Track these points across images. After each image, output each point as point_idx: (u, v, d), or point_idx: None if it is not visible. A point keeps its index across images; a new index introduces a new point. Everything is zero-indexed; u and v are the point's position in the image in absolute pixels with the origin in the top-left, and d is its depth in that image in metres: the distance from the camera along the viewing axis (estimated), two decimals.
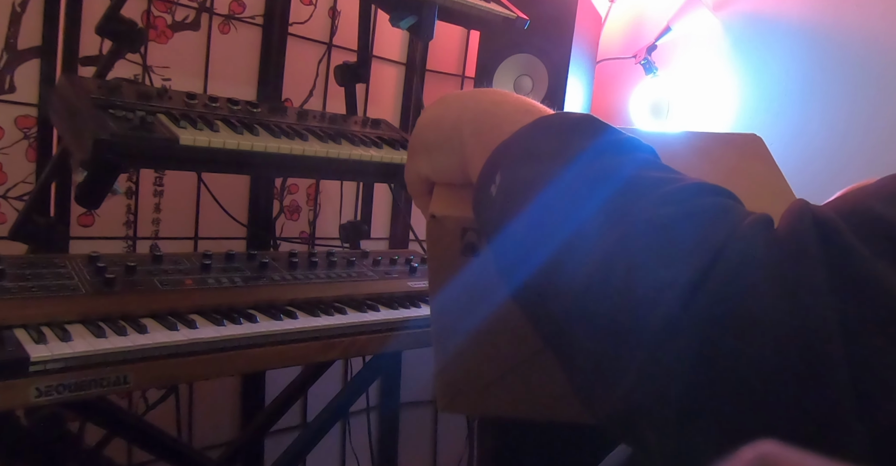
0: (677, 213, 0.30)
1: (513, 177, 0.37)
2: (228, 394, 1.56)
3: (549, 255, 0.33)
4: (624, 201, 0.32)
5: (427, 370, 1.94)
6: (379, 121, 1.27)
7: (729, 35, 1.76)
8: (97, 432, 1.12)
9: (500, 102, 0.45)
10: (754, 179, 0.50)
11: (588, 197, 0.33)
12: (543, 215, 0.34)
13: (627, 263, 0.30)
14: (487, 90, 0.48)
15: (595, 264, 0.31)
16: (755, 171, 0.51)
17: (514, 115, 0.42)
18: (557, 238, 0.33)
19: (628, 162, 0.34)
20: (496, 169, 0.38)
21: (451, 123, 0.45)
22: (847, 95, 1.54)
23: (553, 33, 1.64)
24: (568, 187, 0.34)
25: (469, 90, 0.50)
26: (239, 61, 1.49)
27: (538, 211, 0.34)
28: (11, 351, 0.69)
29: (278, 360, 0.89)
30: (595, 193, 0.33)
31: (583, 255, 0.31)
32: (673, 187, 0.32)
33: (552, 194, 0.34)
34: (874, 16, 1.52)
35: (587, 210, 0.32)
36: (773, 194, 0.49)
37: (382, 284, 1.12)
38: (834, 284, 0.26)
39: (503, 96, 0.46)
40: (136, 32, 1.04)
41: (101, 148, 0.80)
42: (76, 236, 1.29)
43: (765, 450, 0.22)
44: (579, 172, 0.34)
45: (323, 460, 1.71)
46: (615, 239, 0.30)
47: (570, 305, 0.32)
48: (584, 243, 0.32)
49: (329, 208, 1.71)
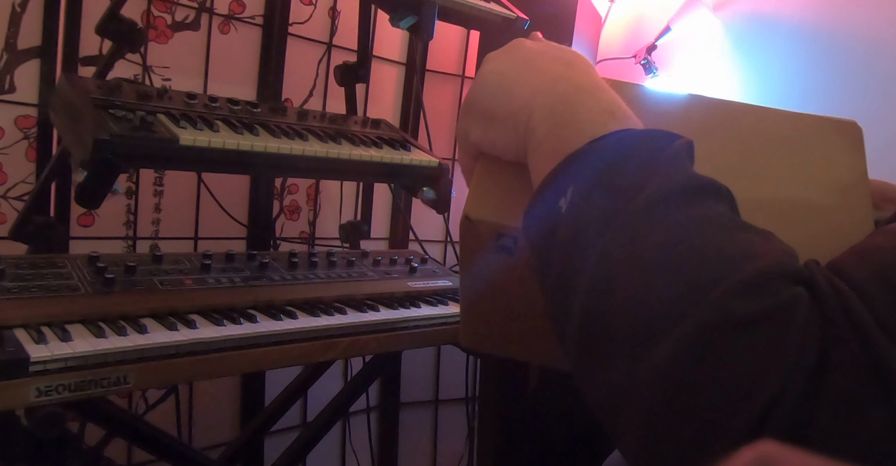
0: (754, 313, 0.28)
1: (587, 204, 0.34)
2: (228, 394, 1.56)
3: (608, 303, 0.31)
4: (699, 275, 0.30)
5: (427, 370, 1.95)
6: (379, 121, 1.27)
7: (729, 35, 1.76)
8: (97, 432, 1.12)
9: (582, 90, 0.40)
10: (832, 176, 0.49)
11: (664, 263, 0.31)
12: (609, 266, 0.32)
13: (700, 361, 0.28)
14: (570, 63, 0.43)
15: (666, 352, 0.29)
16: (838, 167, 0.49)
17: (597, 115, 0.38)
18: (621, 288, 0.31)
19: (703, 221, 0.32)
20: (568, 182, 0.35)
21: (523, 101, 0.41)
22: (848, 95, 1.54)
23: (553, 33, 1.64)
24: (642, 237, 0.32)
25: (549, 53, 0.44)
26: (239, 61, 1.49)
27: (605, 258, 0.32)
28: (11, 351, 0.69)
29: (278, 360, 0.89)
30: (668, 257, 0.31)
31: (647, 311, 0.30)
32: (751, 272, 0.29)
33: (626, 240, 0.32)
34: (874, 15, 1.52)
35: (659, 276, 0.30)
36: (844, 182, 0.48)
37: (382, 284, 1.12)
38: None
39: (586, 81, 0.41)
40: (136, 32, 1.04)
41: (101, 148, 0.80)
42: (76, 236, 1.29)
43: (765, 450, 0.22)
44: (657, 223, 0.32)
45: (323, 460, 1.71)
46: (692, 330, 0.28)
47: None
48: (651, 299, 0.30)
49: (329, 208, 1.71)
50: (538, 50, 0.44)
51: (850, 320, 0.28)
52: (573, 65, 0.43)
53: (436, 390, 1.98)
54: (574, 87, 0.40)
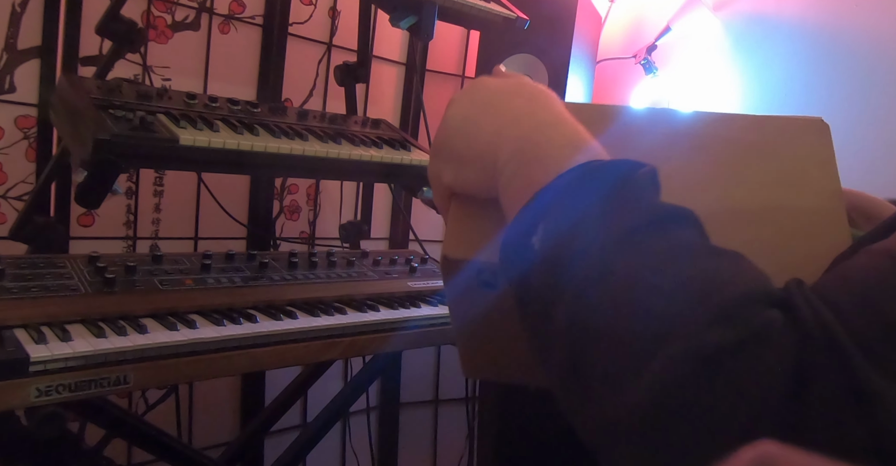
0: (727, 344, 0.28)
1: (558, 242, 0.35)
2: (228, 394, 1.56)
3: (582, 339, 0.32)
4: (670, 310, 0.30)
5: (427, 370, 1.95)
6: (379, 121, 1.27)
7: (729, 35, 1.76)
8: (97, 432, 1.12)
9: (545, 126, 0.41)
10: (802, 167, 0.49)
11: (635, 300, 0.31)
12: (583, 306, 0.33)
13: (678, 395, 0.28)
14: (532, 98, 0.43)
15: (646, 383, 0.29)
16: (805, 159, 0.49)
17: (561, 149, 0.39)
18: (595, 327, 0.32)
19: (670, 253, 0.32)
20: (538, 220, 0.36)
21: (487, 139, 0.42)
22: (848, 95, 1.54)
23: (553, 33, 1.64)
24: (612, 275, 0.32)
25: (510, 90, 0.44)
26: (239, 61, 1.49)
27: (579, 299, 0.33)
28: (11, 351, 0.69)
29: (278, 360, 0.89)
30: (639, 294, 0.31)
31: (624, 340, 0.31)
32: (721, 301, 0.29)
33: (597, 278, 0.32)
34: (874, 15, 1.52)
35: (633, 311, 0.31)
36: (815, 184, 0.48)
37: (382, 284, 1.12)
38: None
39: (548, 116, 0.42)
40: (136, 32, 1.04)
41: (101, 148, 0.80)
42: (76, 236, 1.29)
43: (765, 450, 0.22)
44: (625, 260, 0.32)
45: (323, 460, 1.71)
46: (668, 366, 0.29)
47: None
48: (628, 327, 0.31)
49: (329, 208, 1.71)
50: (499, 88, 0.45)
51: (828, 342, 0.28)
52: (535, 100, 0.43)
53: (436, 390, 1.98)
54: (537, 123, 0.41)
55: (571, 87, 1.65)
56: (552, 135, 0.40)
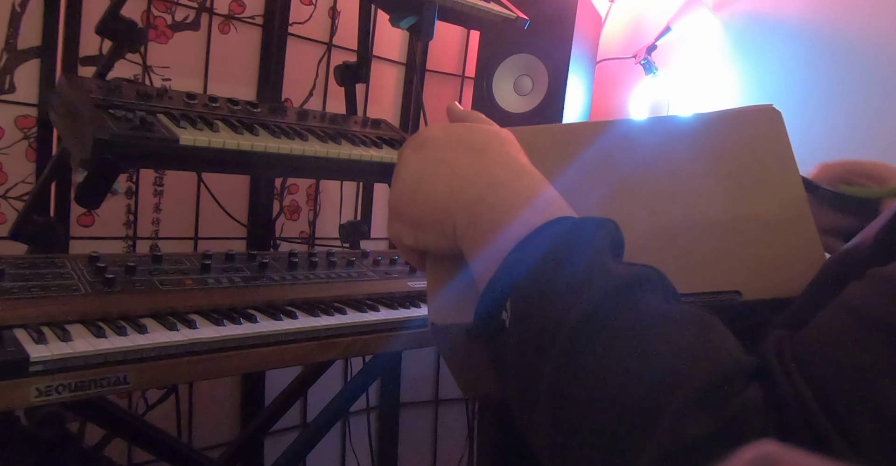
0: (706, 434, 0.28)
1: (526, 325, 0.35)
2: (228, 394, 1.56)
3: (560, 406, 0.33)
4: (644, 403, 0.30)
5: (427, 370, 1.95)
6: (379, 121, 1.27)
7: (729, 35, 1.76)
8: (97, 432, 1.12)
9: (498, 185, 0.40)
10: (761, 164, 0.49)
11: (609, 392, 0.31)
12: (559, 399, 0.33)
13: None
14: (482, 151, 0.42)
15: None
16: (762, 154, 0.50)
17: (518, 211, 0.38)
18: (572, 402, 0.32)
19: (634, 332, 0.32)
20: (505, 296, 0.36)
21: (442, 205, 0.41)
22: (848, 95, 1.54)
23: (553, 33, 1.64)
24: (582, 363, 0.32)
25: (460, 143, 0.43)
26: (239, 61, 1.49)
27: (554, 390, 0.33)
28: (11, 351, 0.69)
29: (278, 360, 0.89)
30: (610, 385, 0.31)
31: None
32: (695, 387, 0.29)
33: (568, 366, 0.33)
34: (874, 15, 1.52)
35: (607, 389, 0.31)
36: (776, 182, 0.49)
37: (382, 284, 1.12)
38: None
39: (501, 172, 0.41)
40: (136, 32, 1.04)
41: (101, 148, 0.80)
42: (76, 236, 1.29)
43: (765, 450, 0.22)
44: (592, 347, 0.32)
45: (323, 460, 1.71)
46: (653, 460, 0.29)
47: None
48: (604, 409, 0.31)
49: (329, 208, 1.71)
50: (448, 142, 0.44)
51: (808, 429, 0.28)
52: (486, 152, 0.42)
53: (436, 390, 1.98)
54: (489, 183, 0.41)
55: (571, 87, 1.65)
56: (506, 195, 0.39)
